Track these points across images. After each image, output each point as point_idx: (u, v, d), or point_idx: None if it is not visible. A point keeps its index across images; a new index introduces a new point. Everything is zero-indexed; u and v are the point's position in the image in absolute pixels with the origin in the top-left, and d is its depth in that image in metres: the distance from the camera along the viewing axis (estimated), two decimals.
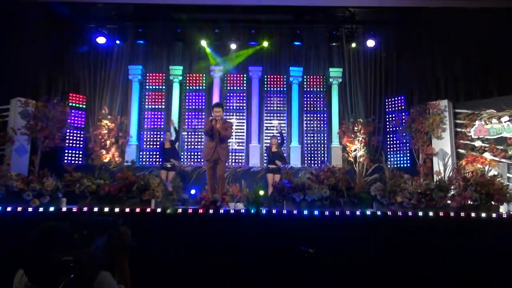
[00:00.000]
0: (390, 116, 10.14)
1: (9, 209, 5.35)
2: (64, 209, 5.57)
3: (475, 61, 9.42)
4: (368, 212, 5.52)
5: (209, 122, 6.69)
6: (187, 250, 4.90)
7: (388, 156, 9.77)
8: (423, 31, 9.99)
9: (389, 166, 7.19)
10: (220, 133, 6.59)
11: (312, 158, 10.32)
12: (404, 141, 9.60)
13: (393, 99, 10.17)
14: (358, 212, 5.45)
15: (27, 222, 5.11)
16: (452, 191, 5.85)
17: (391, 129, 10.08)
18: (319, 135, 10.48)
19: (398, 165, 9.51)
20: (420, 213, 5.45)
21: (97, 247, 1.95)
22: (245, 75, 10.67)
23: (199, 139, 10.39)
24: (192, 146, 10.36)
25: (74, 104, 9.88)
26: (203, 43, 10.25)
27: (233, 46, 10.39)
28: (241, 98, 10.62)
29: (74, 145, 9.76)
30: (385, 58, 10.56)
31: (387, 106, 10.26)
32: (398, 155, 9.82)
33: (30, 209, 5.41)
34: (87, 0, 9.27)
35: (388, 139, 10.06)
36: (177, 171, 8.77)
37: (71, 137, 9.71)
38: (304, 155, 10.36)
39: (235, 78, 10.66)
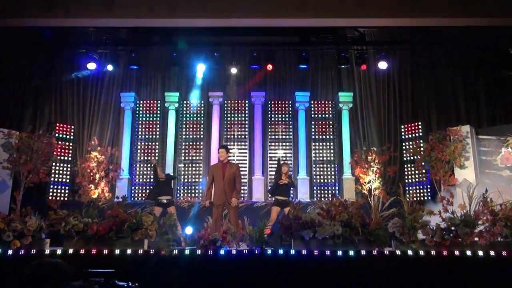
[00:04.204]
0: (407, 144, 10.15)
1: None
2: (47, 251, 5.54)
3: (499, 82, 9.52)
4: (386, 251, 5.45)
5: (210, 173, 7.29)
6: None
7: (406, 188, 9.71)
8: (441, 51, 10.17)
9: (407, 199, 7.13)
10: (225, 178, 7.10)
11: (322, 191, 10.27)
12: (423, 171, 9.56)
13: (409, 125, 10.21)
14: (374, 252, 5.39)
15: (6, 267, 5.07)
16: (479, 226, 5.78)
17: (408, 158, 10.06)
18: (329, 165, 10.47)
19: (418, 198, 9.44)
20: (445, 252, 5.37)
21: None
22: (247, 101, 10.82)
23: (197, 172, 10.42)
24: (189, 180, 10.37)
25: (61, 135, 9.98)
26: (201, 67, 10.45)
27: (233, 70, 10.60)
28: (243, 126, 10.72)
29: (60, 179, 9.80)
30: (400, 81, 10.70)
31: (403, 133, 10.28)
32: (417, 187, 9.77)
33: (10, 252, 5.38)
34: (77, 25, 9.56)
35: (406, 169, 10.03)
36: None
37: (57, 171, 9.75)
38: (313, 188, 10.32)
39: (236, 105, 10.81)
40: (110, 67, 10.37)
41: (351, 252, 5.37)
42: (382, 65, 10.25)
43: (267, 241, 5.99)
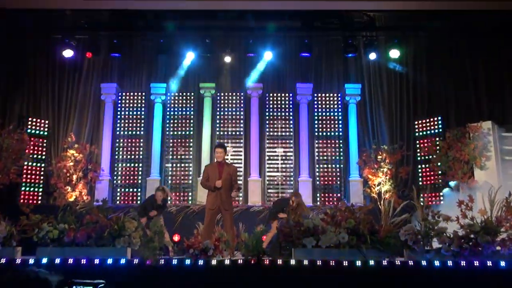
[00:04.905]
0: (421, 142, 10.18)
1: None
2: (18, 260, 5.52)
3: None
4: (398, 262, 5.46)
5: (205, 174, 7.30)
6: None
7: (420, 191, 9.73)
8: (460, 38, 10.19)
9: (421, 203, 7.15)
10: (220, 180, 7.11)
11: (326, 195, 10.29)
12: (440, 172, 9.59)
13: (424, 121, 10.24)
14: (384, 262, 5.39)
15: None
16: (502, 234, 5.80)
17: (422, 158, 10.09)
18: (334, 166, 10.49)
19: (433, 202, 9.45)
20: (463, 263, 5.38)
21: None
22: (242, 94, 10.82)
23: (186, 172, 10.42)
24: (177, 181, 10.37)
25: (33, 131, 9.96)
26: (190, 55, 10.44)
27: (227, 59, 10.59)
28: (238, 122, 10.72)
29: (32, 180, 9.77)
30: (414, 71, 10.72)
31: (417, 130, 10.32)
32: (432, 190, 9.79)
33: None
34: (52, 7, 9.54)
35: (420, 170, 10.06)
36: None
37: (29, 171, 9.73)
38: (316, 191, 10.34)
39: (230, 98, 10.80)
40: (89, 55, 10.34)
41: (358, 263, 5.37)
42: (394, 53, 10.27)
43: (265, 250, 5.98)
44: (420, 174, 10.05)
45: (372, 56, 10.45)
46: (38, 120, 10.18)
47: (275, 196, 10.16)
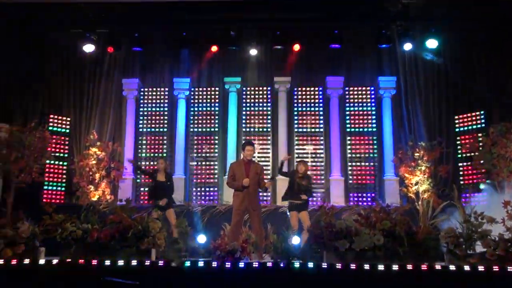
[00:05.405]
0: (463, 138, 9.99)
1: None
2: (42, 261, 5.66)
3: None
4: (438, 266, 5.38)
5: (231, 172, 7.33)
6: None
7: (461, 191, 9.57)
8: (503, 27, 9.94)
9: (463, 204, 7.02)
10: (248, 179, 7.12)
11: (359, 195, 10.23)
12: (483, 170, 9.40)
13: (465, 116, 10.10)
14: (424, 266, 5.32)
15: None
16: None
17: (463, 155, 9.91)
18: (367, 164, 10.42)
19: (476, 203, 9.27)
20: (509, 268, 5.27)
21: None
22: (269, 88, 10.82)
23: (211, 171, 10.49)
24: (202, 180, 10.44)
25: (55, 128, 10.19)
26: (215, 49, 10.48)
27: (253, 52, 10.60)
28: (265, 117, 10.74)
29: (55, 179, 10.00)
30: (453, 62, 10.51)
31: (457, 125, 10.16)
32: (474, 189, 9.61)
33: (1, 262, 5.51)
34: (72, 1, 9.71)
35: (461, 169, 9.87)
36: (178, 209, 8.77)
37: (51, 170, 9.96)
38: (349, 191, 10.27)
39: (256, 93, 10.82)
40: (110, 49, 10.50)
41: (395, 267, 5.32)
42: (431, 43, 10.11)
43: (295, 253, 5.98)
44: (461, 173, 9.88)
45: (408, 46, 10.29)
46: (60, 117, 10.42)
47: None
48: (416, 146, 9.68)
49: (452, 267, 5.39)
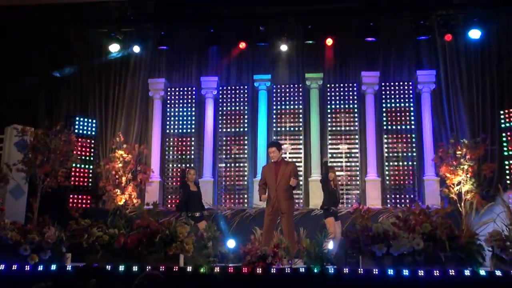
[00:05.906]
0: (509, 134, 9.78)
1: (1, 267, 5.67)
2: (68, 267, 5.82)
3: None
4: (482, 272, 5.29)
5: (262, 175, 7.53)
6: None
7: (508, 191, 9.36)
8: None
9: (510, 205, 6.87)
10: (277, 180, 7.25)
11: (397, 196, 10.11)
12: None
13: (511, 111, 9.82)
14: (467, 272, 5.25)
15: (23, 284, 5.37)
16: None
17: (510, 153, 9.70)
18: (405, 163, 10.28)
19: None
20: None
21: None
22: (300, 86, 10.81)
23: (241, 173, 10.54)
24: (232, 183, 10.52)
25: (80, 131, 10.40)
26: (243, 45, 10.54)
27: (283, 48, 10.60)
28: (296, 116, 10.73)
29: (81, 183, 10.24)
30: (498, 54, 10.31)
31: (502, 121, 9.93)
32: None
33: (27, 268, 5.69)
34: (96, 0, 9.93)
35: (507, 167, 9.67)
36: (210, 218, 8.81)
37: (77, 174, 10.20)
38: (386, 192, 10.18)
39: (287, 90, 10.83)
40: (136, 49, 10.67)
41: (436, 272, 5.26)
42: (474, 34, 9.92)
43: (329, 258, 5.97)
44: (507, 172, 9.65)
45: (448, 38, 10.11)
46: (85, 120, 10.62)
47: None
48: (458, 143, 9.55)
49: (498, 273, 5.29)
